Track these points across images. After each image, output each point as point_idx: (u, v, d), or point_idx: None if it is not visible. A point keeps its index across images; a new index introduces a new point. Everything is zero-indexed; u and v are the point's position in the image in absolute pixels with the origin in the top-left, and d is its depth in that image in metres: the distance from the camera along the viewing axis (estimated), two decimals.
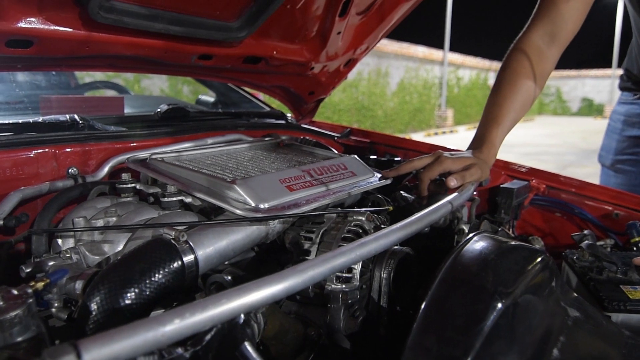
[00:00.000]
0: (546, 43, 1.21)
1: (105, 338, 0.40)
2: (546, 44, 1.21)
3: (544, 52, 1.21)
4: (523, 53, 1.20)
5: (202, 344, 0.51)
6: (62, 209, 0.83)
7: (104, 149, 1.02)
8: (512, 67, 1.21)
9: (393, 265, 0.75)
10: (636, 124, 1.70)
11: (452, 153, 1.09)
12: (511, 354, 0.57)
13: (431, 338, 0.54)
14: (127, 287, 0.57)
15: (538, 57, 1.20)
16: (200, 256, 0.65)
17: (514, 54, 1.22)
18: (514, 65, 1.21)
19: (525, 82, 1.19)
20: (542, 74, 1.21)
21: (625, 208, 1.30)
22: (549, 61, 1.22)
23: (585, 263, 1.01)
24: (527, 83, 1.19)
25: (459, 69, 18.68)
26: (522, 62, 1.20)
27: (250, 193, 0.78)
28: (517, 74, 1.20)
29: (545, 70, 1.22)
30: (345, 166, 1.03)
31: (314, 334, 0.72)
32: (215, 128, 1.31)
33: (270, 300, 0.51)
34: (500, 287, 0.58)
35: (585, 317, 0.75)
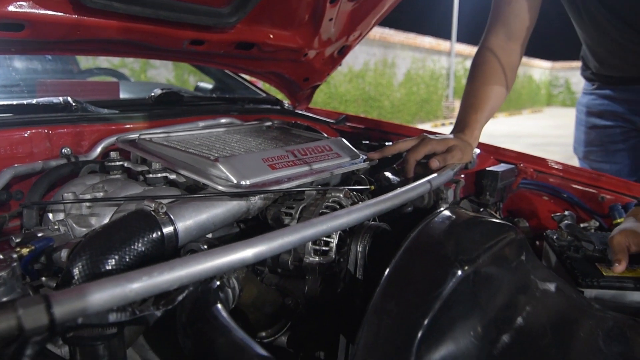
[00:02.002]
0: (504, 41, 1.34)
1: (75, 292, 0.43)
2: (505, 41, 1.34)
3: (505, 48, 1.34)
4: (488, 50, 1.34)
5: (174, 304, 0.54)
6: (53, 186, 0.87)
7: (97, 130, 1.06)
8: (480, 62, 1.34)
9: (369, 240, 0.78)
10: (598, 114, 1.72)
11: (436, 135, 1.12)
12: (472, 319, 0.60)
13: (392, 302, 0.56)
14: (107, 254, 0.61)
15: (501, 52, 1.33)
16: (180, 228, 0.68)
17: (481, 51, 1.36)
18: (481, 60, 1.34)
19: (495, 73, 1.31)
20: (510, 66, 1.34)
21: (611, 191, 1.31)
22: (512, 54, 1.34)
23: (563, 242, 1.03)
24: (496, 74, 1.31)
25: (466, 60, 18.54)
26: (488, 57, 1.33)
27: (232, 170, 0.81)
28: (486, 68, 1.32)
29: (512, 63, 1.34)
30: (331, 147, 1.05)
31: (291, 303, 0.75)
32: (209, 112, 1.34)
33: (239, 265, 0.54)
34: (462, 256, 0.61)
35: (555, 290, 0.78)
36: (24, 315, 0.40)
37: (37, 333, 0.41)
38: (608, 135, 1.72)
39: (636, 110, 1.63)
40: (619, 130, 1.70)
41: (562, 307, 0.76)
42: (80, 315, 0.43)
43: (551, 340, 0.67)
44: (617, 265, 0.91)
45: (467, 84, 1.34)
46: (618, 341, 0.72)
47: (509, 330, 0.64)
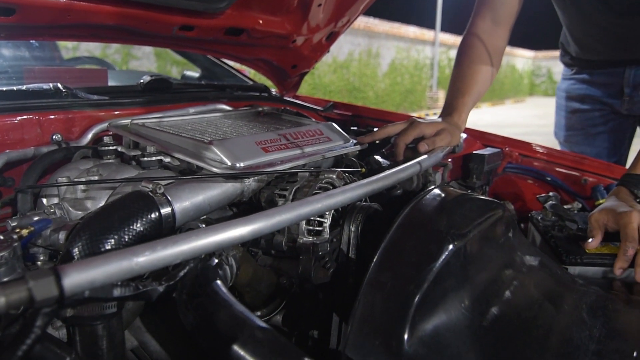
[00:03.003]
0: (491, 25, 1.36)
1: (82, 265, 0.44)
2: (491, 26, 1.36)
3: (491, 33, 1.36)
4: (474, 34, 1.37)
5: (176, 279, 0.55)
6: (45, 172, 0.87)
7: (88, 116, 1.06)
8: (467, 47, 1.37)
9: (361, 220, 0.80)
10: (577, 99, 1.77)
11: (424, 119, 1.14)
12: (462, 291, 0.63)
13: (387, 274, 0.59)
14: (106, 234, 0.61)
15: (487, 36, 1.36)
16: (177, 208, 0.69)
17: (468, 36, 1.38)
18: (468, 45, 1.37)
19: (481, 58, 1.34)
20: (496, 50, 1.37)
21: (593, 174, 1.35)
22: (498, 39, 1.37)
23: (548, 222, 1.06)
24: (482, 59, 1.34)
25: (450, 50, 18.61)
26: (475, 41, 1.36)
27: (226, 153, 0.82)
28: (473, 53, 1.35)
29: (498, 47, 1.37)
30: (322, 132, 1.07)
31: (286, 283, 0.77)
32: (198, 99, 1.34)
33: (238, 241, 0.56)
34: (453, 230, 0.63)
35: (540, 266, 0.81)
36: (35, 287, 0.41)
37: (47, 305, 0.42)
38: (588, 119, 1.77)
39: (614, 93, 1.67)
40: (598, 114, 1.75)
41: (547, 282, 0.79)
42: (88, 287, 0.44)
43: (537, 313, 0.70)
44: (590, 241, 0.94)
45: (454, 68, 1.36)
46: (600, 313, 0.76)
47: (497, 303, 0.67)
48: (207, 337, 0.53)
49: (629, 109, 1.67)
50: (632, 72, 1.60)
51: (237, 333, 0.51)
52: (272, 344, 0.51)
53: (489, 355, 0.58)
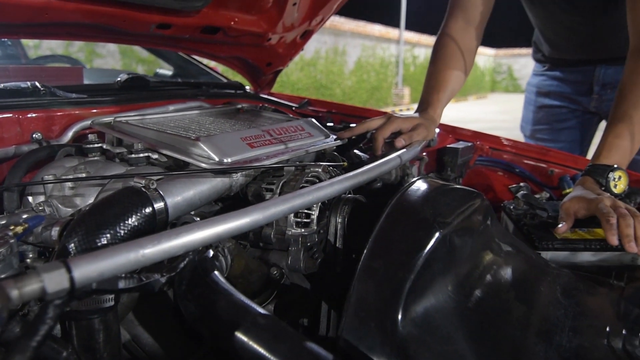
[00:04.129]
0: (463, 27, 1.42)
1: (91, 257, 0.45)
2: (463, 27, 1.42)
3: (463, 34, 1.42)
4: (448, 35, 1.43)
5: (177, 271, 0.57)
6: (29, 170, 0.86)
7: (67, 114, 1.04)
8: (441, 46, 1.43)
9: (347, 211, 0.83)
10: (547, 95, 1.85)
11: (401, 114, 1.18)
12: (448, 276, 0.66)
13: (379, 261, 0.61)
14: (102, 229, 0.62)
15: (460, 36, 1.42)
16: (170, 203, 0.70)
17: (441, 37, 1.44)
18: (442, 44, 1.43)
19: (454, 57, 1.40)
20: (468, 50, 1.43)
21: (559, 165, 1.42)
22: (470, 38, 1.43)
23: (520, 211, 1.12)
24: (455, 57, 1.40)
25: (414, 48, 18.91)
26: (448, 41, 1.42)
27: (213, 149, 0.84)
28: (446, 52, 1.41)
29: (470, 46, 1.44)
30: (303, 127, 1.09)
31: (276, 273, 0.79)
32: (176, 97, 1.34)
33: (237, 232, 0.58)
34: (439, 218, 0.67)
35: (516, 252, 0.86)
36: (47, 279, 0.42)
37: (59, 297, 0.43)
38: (555, 115, 1.85)
39: (584, 90, 1.75)
40: (566, 110, 1.83)
41: (523, 266, 0.83)
42: (97, 279, 0.45)
43: (516, 294, 0.74)
44: (559, 226, 1.00)
45: (430, 66, 1.42)
46: (573, 293, 0.81)
47: (480, 286, 0.71)
48: (210, 325, 0.55)
49: (597, 106, 1.75)
50: (602, 70, 1.68)
51: (240, 320, 0.53)
52: (274, 329, 0.53)
53: (475, 334, 0.62)
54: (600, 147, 1.15)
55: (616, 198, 1.03)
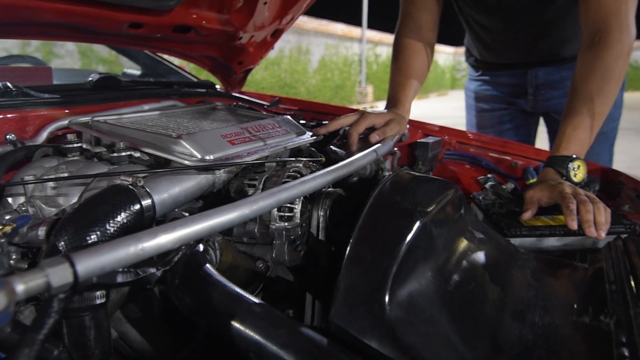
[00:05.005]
0: (416, 31, 1.49)
1: (93, 251, 0.46)
2: (416, 32, 1.49)
3: (417, 37, 1.49)
4: (403, 37, 1.50)
5: (171, 265, 0.58)
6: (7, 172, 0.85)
7: (41, 115, 1.03)
8: (400, 46, 1.51)
9: (329, 204, 0.86)
10: (485, 99, 1.95)
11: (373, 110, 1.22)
12: (429, 262, 0.70)
13: (364, 249, 0.64)
14: (91, 227, 0.62)
15: (416, 37, 1.49)
16: (157, 200, 0.71)
17: (398, 38, 1.52)
18: (400, 44, 1.51)
19: (414, 54, 1.48)
20: (427, 46, 1.50)
21: (522, 157, 1.49)
22: (425, 39, 1.50)
23: (488, 201, 1.17)
24: (415, 55, 1.48)
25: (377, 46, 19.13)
26: (406, 42, 1.49)
27: (195, 146, 0.85)
28: (406, 50, 1.48)
29: (428, 44, 1.51)
30: (280, 125, 1.11)
31: (262, 267, 0.81)
32: (149, 96, 1.33)
33: (229, 225, 0.59)
34: (419, 208, 0.70)
35: (488, 239, 0.90)
36: (52, 274, 0.43)
37: (62, 291, 0.44)
38: (496, 118, 1.93)
39: (519, 93, 1.84)
40: (505, 112, 1.92)
41: (495, 252, 0.88)
42: (99, 273, 0.46)
43: (490, 278, 0.79)
44: (524, 214, 1.06)
45: (392, 64, 1.48)
46: (542, 276, 0.86)
47: (458, 271, 0.75)
48: (207, 316, 0.56)
49: (533, 106, 1.84)
50: (534, 73, 1.77)
51: (236, 309, 0.55)
52: (269, 317, 0.55)
53: (456, 315, 0.66)
54: (560, 139, 1.21)
55: (576, 186, 1.10)
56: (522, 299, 0.76)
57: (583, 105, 1.20)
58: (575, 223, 0.96)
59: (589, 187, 1.20)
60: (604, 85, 1.20)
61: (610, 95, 1.21)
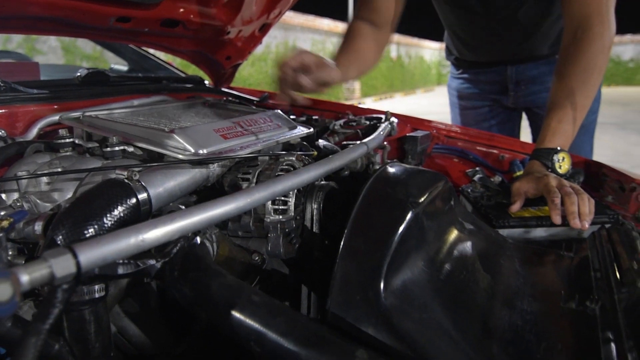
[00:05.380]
0: (371, 28, 1.50)
1: (95, 242, 0.47)
2: (371, 28, 1.50)
3: (374, 23, 1.49)
4: (358, 19, 1.51)
5: (170, 256, 0.59)
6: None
7: (31, 111, 1.02)
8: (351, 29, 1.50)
9: (322, 197, 0.87)
10: (468, 97, 1.98)
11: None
12: (421, 252, 0.71)
13: (359, 239, 0.66)
14: (89, 221, 0.63)
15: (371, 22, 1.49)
16: (152, 194, 0.72)
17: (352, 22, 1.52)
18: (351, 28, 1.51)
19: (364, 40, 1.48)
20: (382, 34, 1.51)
21: (509, 150, 1.52)
22: (382, 26, 1.50)
23: (477, 193, 1.19)
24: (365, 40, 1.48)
25: None
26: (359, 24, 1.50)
27: (188, 141, 0.85)
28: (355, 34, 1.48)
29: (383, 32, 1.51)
30: (271, 119, 1.12)
31: (258, 260, 0.82)
32: (138, 91, 1.33)
33: (226, 216, 0.60)
34: (411, 199, 0.72)
35: (477, 229, 0.92)
36: (55, 264, 0.43)
37: (66, 281, 0.44)
38: (479, 115, 1.97)
39: (500, 89, 1.88)
40: (488, 109, 1.95)
41: (485, 242, 0.90)
42: (101, 264, 0.47)
43: (480, 267, 0.81)
44: (512, 206, 1.09)
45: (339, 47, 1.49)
46: (529, 265, 0.89)
47: (449, 260, 0.76)
48: (207, 307, 0.57)
49: (514, 102, 1.88)
50: (513, 70, 1.80)
51: (235, 299, 0.56)
52: (268, 306, 0.56)
53: (448, 303, 0.67)
54: (545, 132, 1.24)
55: (562, 178, 1.12)
56: (511, 286, 0.79)
57: (566, 99, 1.23)
58: (559, 218, 0.99)
59: (573, 179, 1.23)
60: (587, 79, 1.23)
61: (593, 88, 1.24)
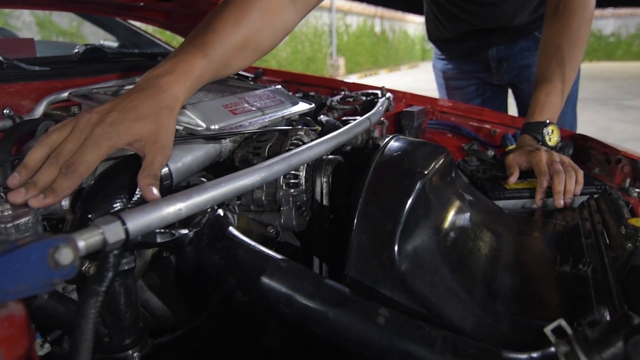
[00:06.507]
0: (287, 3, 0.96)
1: (140, 211, 0.50)
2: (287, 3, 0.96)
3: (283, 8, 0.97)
4: None
5: (201, 226, 0.62)
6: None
7: (35, 88, 1.03)
8: None
9: (330, 171, 0.90)
10: (452, 77, 2.03)
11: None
12: (428, 220, 0.76)
13: (373, 208, 0.70)
14: (117, 195, 0.65)
15: None
16: (173, 168, 0.75)
17: None
18: None
19: None
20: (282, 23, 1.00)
21: (500, 125, 1.57)
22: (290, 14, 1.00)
23: (473, 167, 1.25)
24: None
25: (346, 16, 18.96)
26: None
27: (200, 116, 0.88)
28: None
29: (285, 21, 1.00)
30: (274, 95, 1.14)
31: (272, 232, 0.86)
32: (137, 68, 1.33)
33: (251, 187, 0.64)
34: (419, 169, 0.76)
35: (476, 200, 0.97)
36: (106, 231, 0.46)
37: (115, 247, 0.48)
38: (467, 94, 2.02)
39: (483, 68, 1.93)
40: (474, 88, 2.00)
41: (483, 212, 0.95)
42: (145, 231, 0.50)
43: (482, 235, 0.86)
44: (509, 178, 1.14)
45: None
46: (526, 233, 0.94)
47: (453, 228, 0.81)
48: (236, 273, 0.61)
49: (498, 79, 1.93)
50: (493, 52, 1.85)
51: (264, 265, 0.60)
52: (296, 271, 0.60)
53: (455, 267, 0.72)
54: (534, 106, 1.29)
55: (552, 150, 1.18)
56: (510, 252, 0.84)
57: (553, 72, 1.28)
58: (541, 202, 1.07)
59: (563, 151, 1.29)
60: (571, 52, 1.28)
61: (577, 60, 1.30)
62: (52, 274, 0.41)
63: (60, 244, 0.42)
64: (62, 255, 0.41)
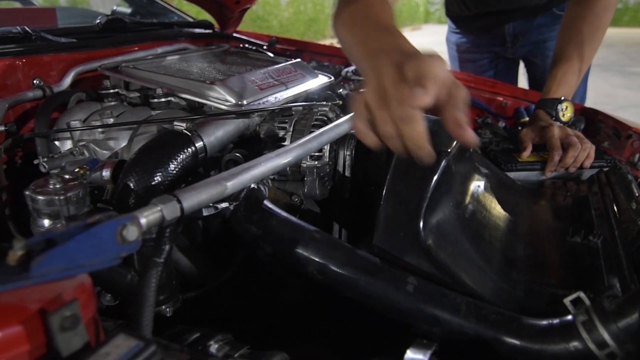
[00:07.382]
0: None
1: (192, 190, 0.54)
2: None
3: None
4: None
5: (239, 200, 0.67)
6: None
7: (63, 59, 1.05)
8: None
9: (354, 144, 0.94)
10: (466, 51, 2.02)
11: None
12: (450, 195, 0.80)
13: (400, 184, 0.74)
14: (157, 168, 0.70)
15: None
16: (207, 143, 0.78)
17: None
18: None
19: None
20: None
21: (511, 97, 1.59)
22: None
23: (486, 139, 1.28)
24: None
25: None
26: None
27: (229, 92, 0.91)
28: None
29: None
30: (296, 69, 1.16)
31: (297, 201, 0.90)
32: (158, 38, 1.35)
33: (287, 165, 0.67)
34: (443, 148, 0.80)
35: (491, 173, 1.01)
36: (164, 209, 0.51)
37: (172, 223, 0.52)
38: (479, 67, 2.02)
39: (497, 42, 1.93)
40: (487, 61, 2.00)
41: (499, 185, 0.99)
42: (197, 208, 0.54)
43: (498, 206, 0.90)
44: (523, 152, 1.18)
45: None
46: (538, 205, 0.98)
47: (472, 201, 0.85)
48: (272, 243, 0.66)
49: (513, 53, 1.93)
50: (509, 27, 1.84)
51: (299, 236, 0.64)
52: (329, 242, 0.65)
53: (474, 238, 0.77)
54: (550, 83, 1.31)
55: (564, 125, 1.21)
56: (523, 223, 0.89)
57: (573, 52, 1.29)
58: (550, 173, 1.11)
59: (575, 126, 1.31)
60: (593, 34, 1.29)
61: (598, 42, 1.31)
62: (121, 249, 0.46)
63: (127, 222, 0.46)
64: (129, 232, 0.45)
